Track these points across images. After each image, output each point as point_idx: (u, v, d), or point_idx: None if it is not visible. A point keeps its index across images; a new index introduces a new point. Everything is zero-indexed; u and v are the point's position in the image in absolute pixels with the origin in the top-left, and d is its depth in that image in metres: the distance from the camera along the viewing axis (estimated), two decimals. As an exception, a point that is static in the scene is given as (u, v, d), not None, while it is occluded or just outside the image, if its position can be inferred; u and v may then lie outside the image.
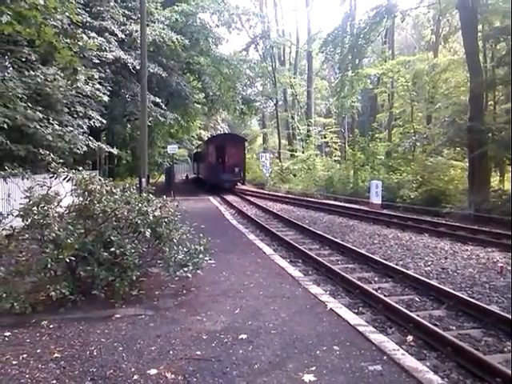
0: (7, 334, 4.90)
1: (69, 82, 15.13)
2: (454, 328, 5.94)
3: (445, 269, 9.04)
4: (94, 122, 17.50)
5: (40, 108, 13.68)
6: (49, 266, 5.52)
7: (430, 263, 9.55)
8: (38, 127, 13.12)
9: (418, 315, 6.04)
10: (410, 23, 39.47)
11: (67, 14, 12.01)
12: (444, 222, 14.96)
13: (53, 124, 13.92)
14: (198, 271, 6.58)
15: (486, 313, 6.11)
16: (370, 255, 9.78)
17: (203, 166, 33.11)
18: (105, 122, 19.06)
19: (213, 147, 30.73)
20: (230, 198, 25.91)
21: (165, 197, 7.59)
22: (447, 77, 28.07)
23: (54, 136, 13.68)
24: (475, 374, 4.59)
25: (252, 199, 24.47)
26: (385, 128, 37.77)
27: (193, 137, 50.95)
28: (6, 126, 11.72)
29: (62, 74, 14.89)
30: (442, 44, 32.51)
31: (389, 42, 35.32)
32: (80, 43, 13.47)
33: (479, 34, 19.54)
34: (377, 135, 32.33)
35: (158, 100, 23.72)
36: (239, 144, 31.67)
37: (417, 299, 7.14)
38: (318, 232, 12.85)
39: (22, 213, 5.94)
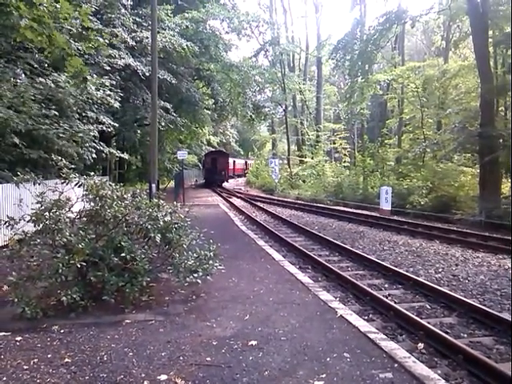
0: (18, 338, 4.93)
1: (79, 89, 15.29)
2: (465, 336, 5.89)
3: (456, 276, 8.98)
4: (105, 128, 17.64)
5: (51, 114, 13.83)
6: (60, 271, 5.55)
7: (440, 270, 9.48)
8: (50, 128, 13.28)
9: (428, 322, 6.00)
10: (420, 29, 39.48)
11: (79, 20, 12.15)
12: (455, 228, 14.85)
13: (63, 127, 14.07)
14: (208, 277, 6.58)
15: (498, 320, 6.05)
16: (380, 262, 9.73)
17: (204, 170, 48.23)
18: (116, 125, 19.19)
19: (209, 158, 46.08)
20: (239, 203, 25.95)
21: (175, 202, 7.61)
22: (457, 83, 27.96)
23: (66, 135, 13.80)
24: (487, 383, 4.54)
25: (261, 205, 24.48)
26: (394, 134, 37.67)
27: (202, 143, 51.30)
28: (19, 130, 11.87)
29: (72, 83, 15.05)
30: (453, 50, 32.38)
31: (399, 47, 35.30)
32: (94, 43, 13.60)
33: (490, 39, 19.45)
34: (386, 141, 32.24)
35: (168, 106, 23.86)
36: (225, 157, 47.86)
37: (427, 306, 7.09)
38: (328, 238, 12.81)
39: (33, 218, 5.99)
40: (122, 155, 20.98)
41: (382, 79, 31.71)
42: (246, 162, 67.55)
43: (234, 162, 62.57)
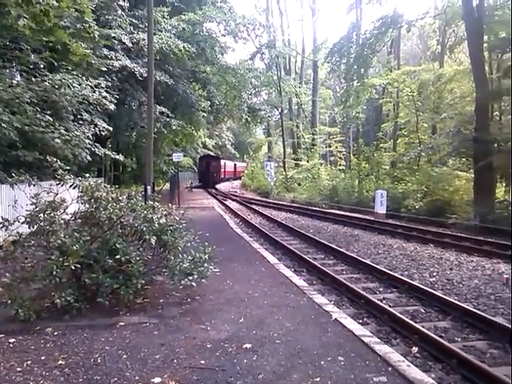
0: (12, 340, 4.91)
1: (76, 89, 15.21)
2: (459, 340, 5.90)
3: (450, 280, 9.00)
4: (99, 130, 17.57)
5: (47, 115, 13.78)
6: (54, 272, 5.54)
7: (435, 274, 9.50)
8: (46, 131, 13.24)
9: (422, 326, 6.00)
10: (415, 33, 39.62)
11: (78, 11, 12.12)
12: (449, 232, 14.87)
13: (59, 129, 14.00)
14: (203, 280, 6.56)
15: (492, 324, 6.07)
16: (375, 265, 9.75)
17: (198, 172, 52.34)
18: (111, 129, 19.11)
19: (203, 162, 50.39)
20: (234, 206, 25.96)
21: (170, 204, 7.60)
22: (453, 87, 28.07)
23: (61, 140, 13.76)
24: (481, 387, 4.56)
25: (256, 208, 24.50)
26: (390, 138, 37.74)
27: (198, 145, 51.50)
28: (13, 132, 11.82)
29: (70, 77, 14.97)
30: (448, 54, 32.51)
31: (394, 52, 35.40)
32: (92, 39, 13.59)
33: (485, 44, 19.53)
34: (382, 145, 32.30)
35: (163, 109, 23.84)
36: (217, 161, 52.23)
37: (422, 310, 7.11)
38: (323, 241, 12.82)
39: (28, 219, 5.97)
40: (117, 157, 20.89)
41: (377, 83, 31.85)
42: (247, 165, 68.62)
43: (235, 164, 67.72)
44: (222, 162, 56.24)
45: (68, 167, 7.22)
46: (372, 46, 23.44)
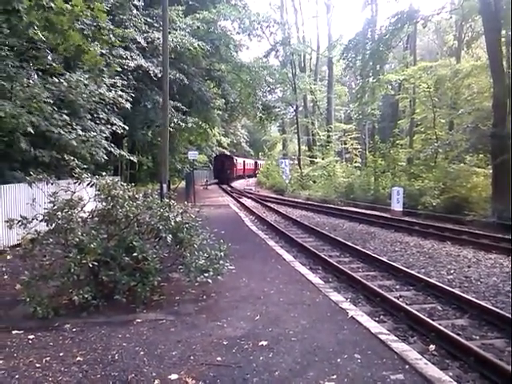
0: (31, 337, 4.98)
1: (92, 88, 15.33)
2: (477, 338, 5.84)
3: (468, 277, 8.91)
4: (116, 129, 17.69)
5: (64, 114, 13.90)
6: (72, 270, 5.60)
7: (452, 271, 9.41)
8: (63, 132, 13.35)
9: (440, 324, 5.95)
10: (431, 29, 39.19)
11: (91, 20, 12.15)
12: (467, 229, 14.70)
13: (76, 129, 14.11)
14: (219, 277, 6.57)
15: (510, 322, 5.98)
16: (392, 263, 9.69)
17: (214, 170, 56.45)
18: (127, 128, 19.22)
19: (218, 161, 54.78)
20: (249, 204, 25.97)
21: (186, 202, 7.64)
22: (470, 82, 27.73)
23: (77, 142, 13.87)
24: (500, 385, 4.50)
25: (272, 205, 24.47)
26: (406, 134, 37.40)
27: (212, 143, 51.51)
28: (30, 131, 11.94)
29: (87, 76, 15.09)
30: (465, 49, 32.11)
31: (410, 47, 35.06)
32: (106, 43, 13.62)
33: (503, 39, 19.24)
34: (398, 141, 32.03)
35: (178, 104, 23.92)
36: (231, 159, 56.19)
37: (439, 308, 7.04)
38: (339, 239, 12.78)
39: (46, 217, 6.05)
40: (132, 158, 20.98)
41: (393, 79, 31.54)
42: None
43: (256, 162, 72.05)
44: (241, 160, 61.71)
45: (85, 166, 7.29)
46: (388, 42, 23.16)
